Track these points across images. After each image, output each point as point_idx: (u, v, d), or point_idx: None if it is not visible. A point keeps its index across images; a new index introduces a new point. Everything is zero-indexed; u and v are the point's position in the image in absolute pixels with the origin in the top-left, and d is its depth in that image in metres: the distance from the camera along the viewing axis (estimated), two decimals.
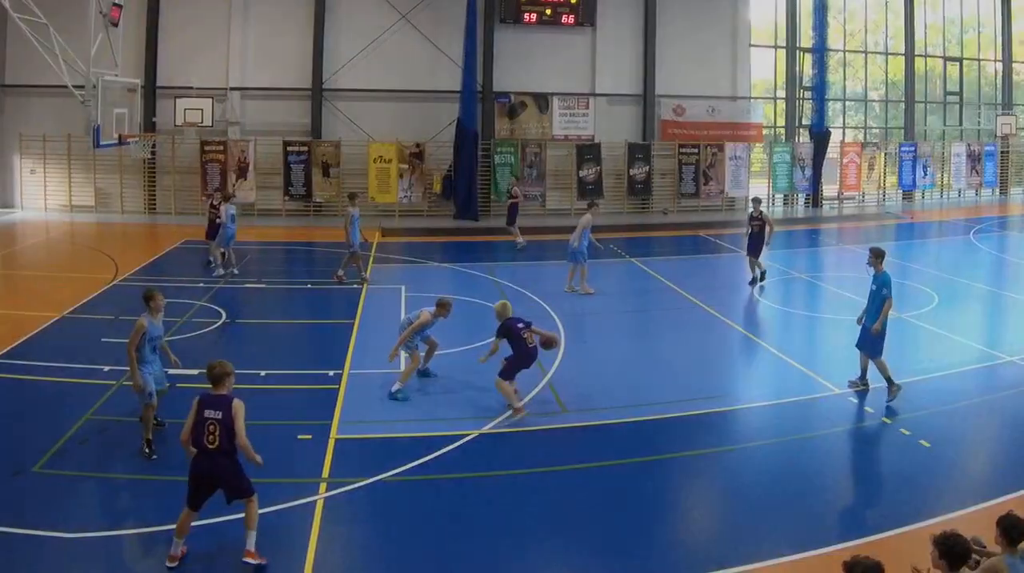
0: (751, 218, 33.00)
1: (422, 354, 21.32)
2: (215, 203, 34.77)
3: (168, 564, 12.63)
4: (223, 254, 33.40)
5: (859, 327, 20.94)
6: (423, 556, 13.36)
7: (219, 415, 12.69)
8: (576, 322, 27.23)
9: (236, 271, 33.18)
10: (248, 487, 13.02)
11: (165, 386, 17.66)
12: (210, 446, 12.68)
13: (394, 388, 20.29)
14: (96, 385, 20.34)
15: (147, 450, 16.54)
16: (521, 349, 19.64)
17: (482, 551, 13.51)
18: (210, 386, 13.07)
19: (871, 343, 20.44)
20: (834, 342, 25.22)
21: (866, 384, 20.84)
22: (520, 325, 19.89)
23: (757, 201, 34.67)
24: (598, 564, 13.25)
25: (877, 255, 20.86)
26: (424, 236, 44.53)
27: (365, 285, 31.72)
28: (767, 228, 32.24)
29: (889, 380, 20.22)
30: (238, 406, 12.86)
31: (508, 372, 19.64)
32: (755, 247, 32.45)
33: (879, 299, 20.34)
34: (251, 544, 12.85)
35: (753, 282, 32.30)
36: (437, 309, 20.78)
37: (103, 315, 26.99)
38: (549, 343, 20.55)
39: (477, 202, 49.44)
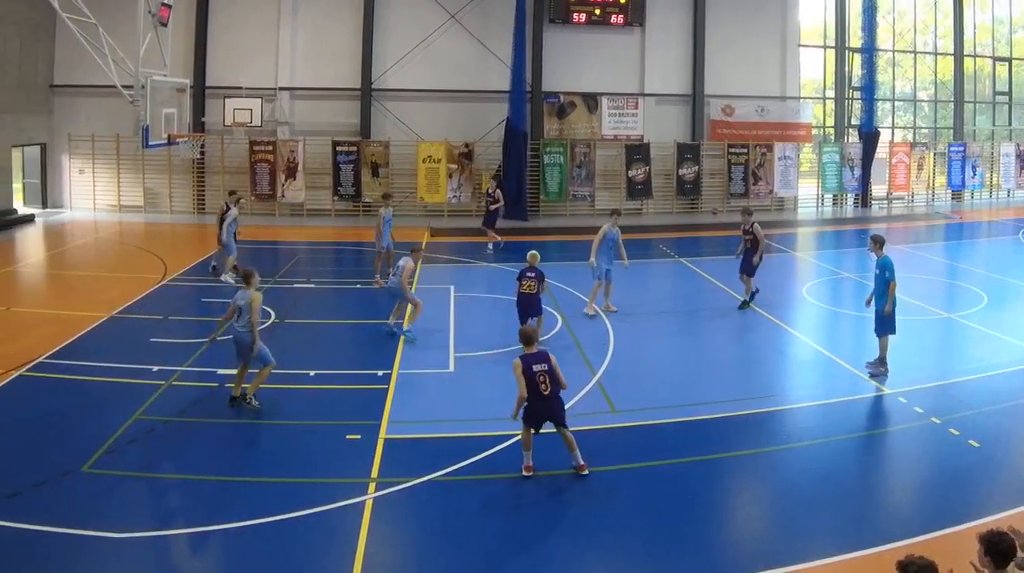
0: (743, 231, 28.58)
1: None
2: (229, 206, 32.07)
3: (524, 473, 15.26)
4: (230, 259, 30.96)
5: (875, 315, 21.31)
6: (472, 556, 13.08)
7: (546, 367, 15.22)
8: (625, 322, 26.26)
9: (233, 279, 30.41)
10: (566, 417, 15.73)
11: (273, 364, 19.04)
12: (545, 393, 15.13)
13: (406, 327, 24.05)
14: (145, 385, 19.86)
15: (255, 402, 18.42)
16: (518, 292, 23.41)
17: (531, 551, 13.28)
18: (525, 347, 15.61)
19: (882, 323, 21.04)
20: None
21: (884, 365, 21.15)
22: (531, 274, 23.35)
23: (748, 212, 28.93)
24: (646, 564, 13.03)
25: (877, 242, 21.37)
26: (473, 236, 42.60)
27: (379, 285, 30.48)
28: (759, 245, 27.93)
29: (883, 359, 21.05)
30: (553, 357, 15.64)
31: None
32: (747, 265, 28.25)
33: (883, 282, 20.84)
34: (579, 459, 15.48)
35: (743, 306, 28.05)
36: (413, 254, 24.40)
37: (152, 315, 26.45)
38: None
39: (526, 202, 47.86)
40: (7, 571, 12.28)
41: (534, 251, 23.93)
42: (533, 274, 23.15)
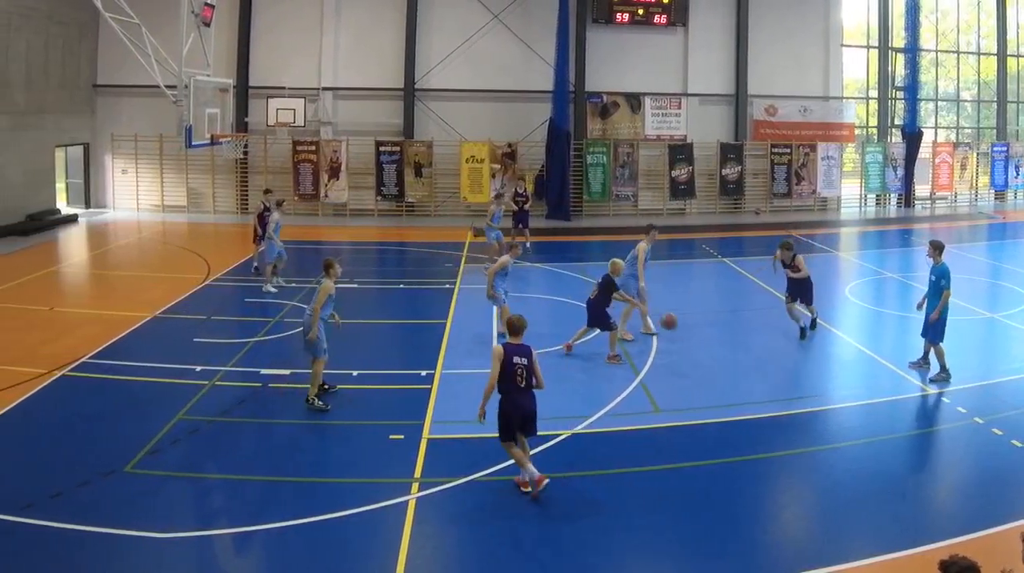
0: (786, 265, 24.36)
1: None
2: (268, 206, 31.02)
3: (524, 489, 14.33)
4: (273, 268, 29.46)
5: (922, 315, 20.82)
6: (515, 556, 12.81)
7: (525, 361, 14.16)
8: None
9: (280, 284, 29.36)
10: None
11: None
12: (522, 386, 14.16)
13: (502, 329, 22.33)
14: (188, 385, 19.54)
15: (318, 402, 18.07)
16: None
17: (574, 551, 12.93)
18: (510, 336, 14.47)
19: (932, 330, 20.37)
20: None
21: (928, 363, 20.75)
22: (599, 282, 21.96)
23: (788, 247, 24.27)
24: (689, 564, 12.83)
25: (936, 247, 20.67)
26: (519, 236, 42.15)
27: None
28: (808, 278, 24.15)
29: (943, 366, 20.28)
30: (535, 353, 14.45)
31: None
32: (804, 294, 24.35)
33: (938, 289, 20.22)
34: (532, 472, 14.31)
35: (805, 332, 24.06)
36: (511, 251, 23.38)
37: (195, 315, 25.99)
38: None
39: (569, 202, 46.78)
40: (50, 570, 12.07)
41: (616, 260, 22.35)
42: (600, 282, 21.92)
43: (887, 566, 12.29)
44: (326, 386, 18.83)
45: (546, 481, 14.14)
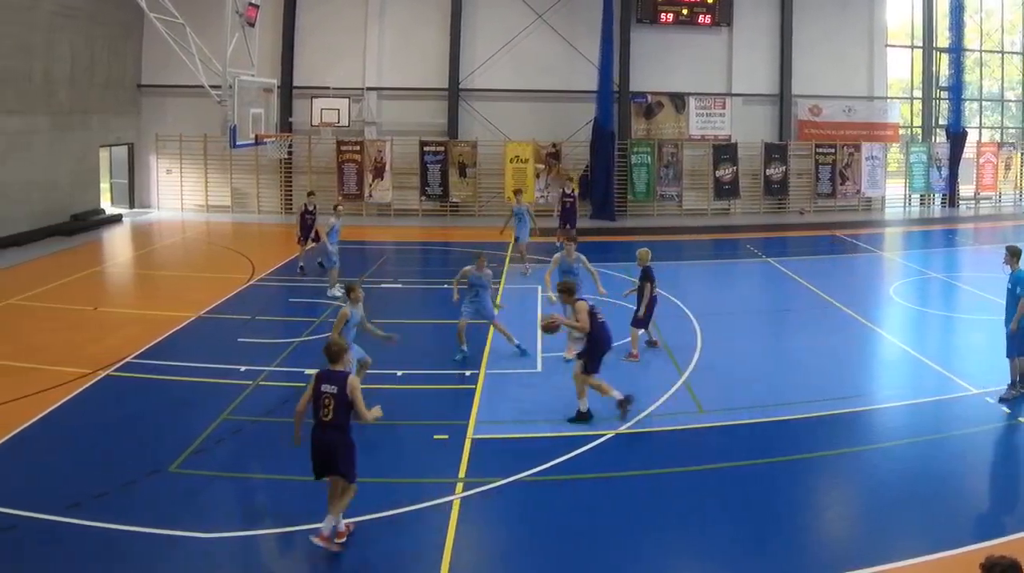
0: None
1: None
2: (311, 209, 30.42)
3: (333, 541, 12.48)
4: (334, 271, 28.31)
5: (1006, 336, 19.07)
6: (559, 556, 12.66)
7: (335, 390, 12.54)
8: (712, 322, 25.09)
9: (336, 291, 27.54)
10: (353, 474, 12.64)
11: (368, 359, 17.94)
12: (325, 419, 12.56)
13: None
14: (232, 385, 19.34)
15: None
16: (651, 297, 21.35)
17: (618, 551, 12.68)
18: (328, 363, 12.85)
19: (1014, 342, 18.82)
20: (971, 342, 23.34)
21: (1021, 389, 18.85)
22: (654, 276, 21.32)
23: (567, 290, 18.07)
24: (732, 563, 12.55)
25: (1013, 254, 19.18)
26: (560, 236, 41.84)
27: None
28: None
29: None
30: (354, 382, 12.59)
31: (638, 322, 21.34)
32: (593, 356, 17.82)
33: (1015, 298, 18.78)
34: (327, 529, 12.39)
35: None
36: (478, 262, 21.69)
37: (239, 315, 25.64)
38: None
39: (613, 202, 45.77)
40: (95, 570, 11.97)
41: (645, 248, 21.83)
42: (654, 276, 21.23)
43: (930, 566, 12.08)
44: None
45: (334, 546, 12.43)
